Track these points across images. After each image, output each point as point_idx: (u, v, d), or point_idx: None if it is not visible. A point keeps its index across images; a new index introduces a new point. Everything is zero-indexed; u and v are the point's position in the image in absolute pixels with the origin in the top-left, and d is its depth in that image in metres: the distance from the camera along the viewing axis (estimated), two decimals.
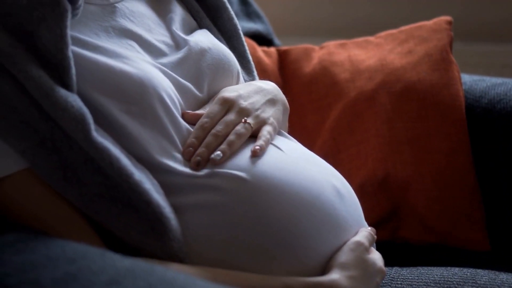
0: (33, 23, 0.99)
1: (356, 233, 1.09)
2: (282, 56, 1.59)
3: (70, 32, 1.01)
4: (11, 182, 1.00)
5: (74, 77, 1.00)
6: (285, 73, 1.57)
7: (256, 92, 1.14)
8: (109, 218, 0.99)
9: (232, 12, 1.29)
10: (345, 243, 1.06)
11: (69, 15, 1.01)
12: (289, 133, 1.19)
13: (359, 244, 1.07)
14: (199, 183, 1.03)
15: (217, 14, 1.28)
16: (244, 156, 1.06)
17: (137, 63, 1.06)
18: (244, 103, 1.10)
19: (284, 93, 1.22)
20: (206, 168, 1.04)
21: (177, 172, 1.03)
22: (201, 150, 1.04)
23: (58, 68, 0.99)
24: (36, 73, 0.97)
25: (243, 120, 1.08)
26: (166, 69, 1.10)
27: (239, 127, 1.08)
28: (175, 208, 1.02)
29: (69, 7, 1.01)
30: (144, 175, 1.00)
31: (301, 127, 1.40)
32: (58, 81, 0.99)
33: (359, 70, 1.52)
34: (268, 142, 1.08)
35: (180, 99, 1.09)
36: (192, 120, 1.09)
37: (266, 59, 1.57)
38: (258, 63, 1.52)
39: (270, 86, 1.18)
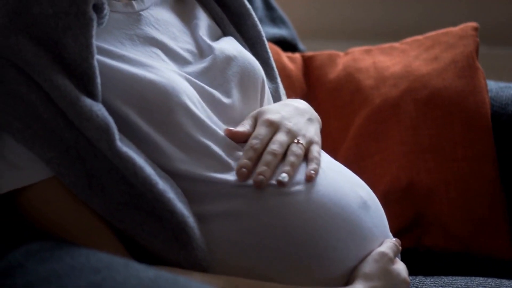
0: (58, 33, 1.00)
1: (381, 244, 1.08)
2: (307, 62, 1.59)
3: (95, 41, 1.02)
4: (36, 191, 1.00)
5: (99, 86, 1.00)
6: (310, 79, 1.57)
7: (295, 112, 1.13)
8: (133, 226, 1.00)
9: (256, 19, 1.28)
10: (370, 253, 1.06)
11: (95, 24, 1.01)
12: None
13: (383, 254, 1.06)
14: (224, 191, 1.03)
15: (241, 20, 1.28)
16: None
17: (162, 72, 1.06)
18: (289, 124, 1.10)
19: (308, 99, 1.23)
20: (230, 178, 1.04)
21: (202, 179, 1.04)
22: (263, 168, 1.03)
23: (83, 77, 1.00)
24: (62, 83, 0.98)
25: (295, 141, 1.08)
26: (191, 78, 1.10)
27: (295, 148, 1.07)
28: (199, 216, 1.02)
29: (94, 16, 1.01)
30: (168, 184, 1.00)
31: (325, 134, 1.38)
32: (83, 90, 0.99)
33: (384, 76, 1.51)
34: (320, 163, 1.08)
35: (205, 106, 1.09)
36: (233, 137, 1.08)
37: (290, 65, 1.57)
38: (282, 69, 1.52)
39: (304, 105, 1.18)
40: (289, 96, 1.34)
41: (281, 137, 1.08)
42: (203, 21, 1.22)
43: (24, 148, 0.99)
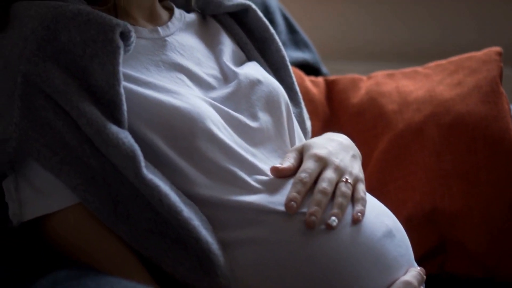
0: (86, 60, 1.01)
1: (405, 272, 1.08)
2: (330, 86, 1.59)
3: (121, 68, 1.02)
4: (62, 217, 1.01)
5: (125, 113, 1.01)
6: (333, 103, 1.57)
7: (340, 148, 1.13)
8: (158, 253, 1.00)
9: (280, 44, 1.29)
10: (394, 282, 1.06)
11: (122, 52, 1.02)
12: None
13: (407, 283, 1.06)
14: (248, 217, 1.04)
15: (265, 45, 1.28)
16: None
17: (187, 98, 1.07)
18: (336, 160, 1.10)
19: (331, 123, 1.22)
20: (255, 201, 1.04)
21: (226, 204, 1.04)
22: (314, 208, 1.03)
23: (109, 104, 1.01)
24: (88, 110, 0.99)
25: (344, 179, 1.08)
26: (216, 103, 1.11)
27: (344, 188, 1.07)
28: (224, 243, 1.02)
29: (121, 44, 1.02)
30: (193, 211, 1.01)
31: None
32: (110, 117, 1.00)
33: (407, 101, 1.51)
34: (365, 203, 1.08)
35: (231, 131, 1.10)
36: (279, 175, 1.07)
37: (313, 89, 1.57)
38: (305, 93, 1.52)
39: (347, 141, 1.18)
40: (312, 120, 1.34)
41: (329, 174, 1.07)
42: (227, 47, 1.22)
43: (50, 174, 1.00)
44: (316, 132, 1.49)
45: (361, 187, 1.10)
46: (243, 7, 1.26)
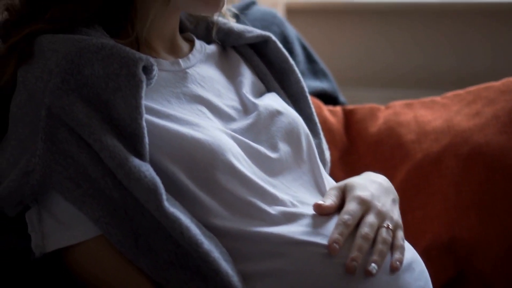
0: (108, 93, 1.02)
1: None
2: (348, 116, 1.59)
3: (143, 102, 1.03)
4: (84, 249, 1.02)
5: (147, 146, 1.02)
6: (351, 132, 1.57)
7: (382, 191, 1.14)
8: (179, 285, 1.01)
9: (299, 75, 1.30)
10: None
11: (144, 85, 1.03)
12: None
13: None
14: (268, 249, 1.04)
15: (284, 77, 1.29)
16: (318, 223, 1.07)
17: (207, 130, 1.08)
18: (379, 205, 1.10)
19: (349, 153, 1.23)
20: (274, 232, 1.05)
21: (246, 236, 1.04)
22: (356, 254, 1.03)
23: (131, 137, 1.02)
24: (111, 143, 1.00)
25: (385, 225, 1.08)
26: (236, 135, 1.12)
27: (385, 234, 1.07)
28: (244, 275, 1.03)
29: (144, 78, 1.03)
30: (213, 244, 1.01)
31: None
32: (132, 150, 1.01)
33: (425, 131, 1.52)
34: (404, 251, 1.08)
35: (251, 162, 1.10)
36: (322, 212, 1.08)
37: (332, 119, 1.57)
38: (324, 123, 1.53)
39: (387, 183, 1.18)
40: (330, 150, 1.34)
41: (372, 219, 1.08)
42: (247, 78, 1.23)
43: (73, 207, 1.01)
44: (334, 162, 1.50)
45: (401, 234, 1.10)
46: (263, 38, 1.28)
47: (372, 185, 1.13)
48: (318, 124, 1.30)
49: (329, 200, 1.09)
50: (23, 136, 1.03)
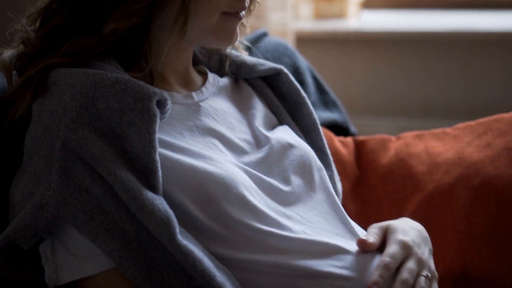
0: (123, 127, 1.03)
1: None
2: (359, 147, 1.60)
3: (157, 135, 1.04)
4: (97, 282, 1.03)
5: (160, 179, 1.03)
6: (362, 164, 1.58)
7: (421, 238, 1.15)
8: None
9: (311, 107, 1.31)
10: None
11: (158, 120, 1.04)
12: (365, 225, 1.20)
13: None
14: (283, 281, 1.04)
15: (296, 109, 1.30)
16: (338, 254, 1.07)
17: (220, 163, 1.08)
18: (419, 252, 1.11)
19: (360, 184, 1.23)
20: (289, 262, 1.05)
21: (260, 267, 1.05)
22: None
23: (145, 170, 1.02)
24: (125, 176, 1.01)
25: (425, 274, 1.10)
26: (248, 168, 1.13)
27: (424, 284, 1.09)
28: None
29: (158, 112, 1.04)
30: (226, 276, 1.02)
31: (377, 219, 1.39)
32: (145, 183, 1.02)
33: (436, 163, 1.52)
34: None
35: (263, 195, 1.11)
36: (365, 248, 1.09)
37: (343, 150, 1.58)
38: (335, 154, 1.53)
39: (424, 231, 1.19)
40: (341, 181, 1.35)
41: (412, 265, 1.09)
42: (259, 111, 1.24)
43: (87, 239, 1.01)
44: (346, 193, 1.50)
45: (435, 286, 1.12)
46: (275, 71, 1.29)
47: (412, 231, 1.14)
48: (330, 156, 1.31)
49: (372, 238, 1.10)
50: (37, 169, 1.04)
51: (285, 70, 1.30)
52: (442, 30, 2.50)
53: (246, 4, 1.14)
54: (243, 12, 1.15)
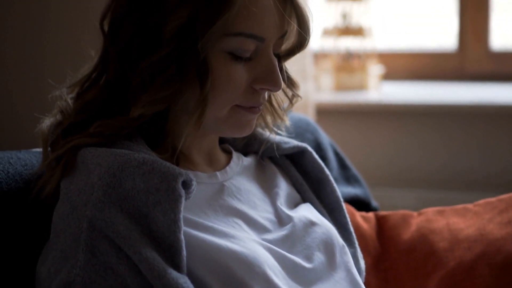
0: (148, 207, 1.05)
1: None
2: (381, 222, 1.60)
3: (182, 215, 1.06)
4: None
5: (184, 258, 1.04)
6: (383, 239, 1.58)
7: None
8: None
9: (334, 184, 1.32)
10: None
11: (183, 200, 1.06)
12: None
13: None
14: None
15: (320, 187, 1.32)
16: None
17: (244, 242, 1.10)
18: None
19: (381, 260, 1.24)
20: None
21: None
22: None
23: (170, 249, 1.04)
24: (150, 255, 1.02)
25: None
26: (271, 246, 1.14)
27: None
28: None
29: (183, 192, 1.06)
30: None
31: None
32: (170, 262, 1.03)
33: (458, 239, 1.52)
34: None
35: (285, 274, 1.12)
36: None
37: (364, 225, 1.59)
38: (356, 229, 1.54)
39: None
40: (364, 256, 1.35)
41: None
42: (282, 190, 1.26)
43: None
44: (367, 268, 1.50)
45: None
46: (300, 149, 1.31)
47: None
48: (353, 234, 1.32)
49: None
50: (64, 247, 1.05)
51: (309, 149, 1.32)
52: (462, 102, 2.52)
53: (262, 100, 1.15)
54: (261, 107, 1.16)
